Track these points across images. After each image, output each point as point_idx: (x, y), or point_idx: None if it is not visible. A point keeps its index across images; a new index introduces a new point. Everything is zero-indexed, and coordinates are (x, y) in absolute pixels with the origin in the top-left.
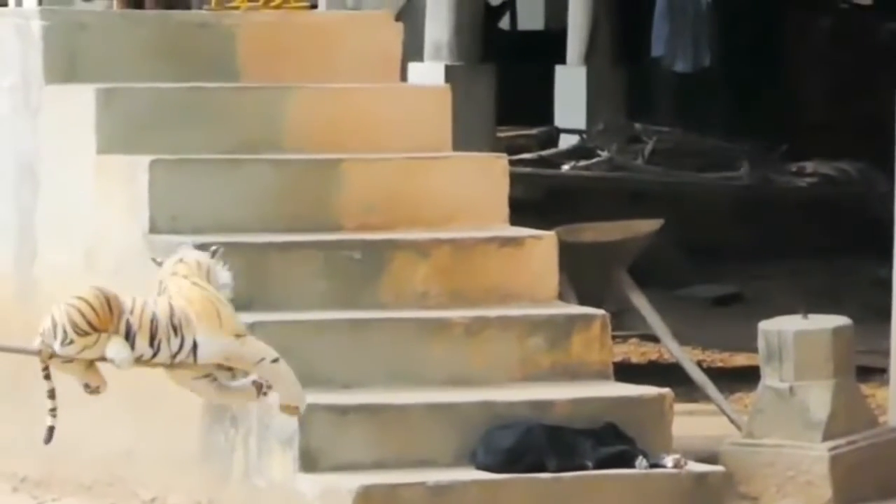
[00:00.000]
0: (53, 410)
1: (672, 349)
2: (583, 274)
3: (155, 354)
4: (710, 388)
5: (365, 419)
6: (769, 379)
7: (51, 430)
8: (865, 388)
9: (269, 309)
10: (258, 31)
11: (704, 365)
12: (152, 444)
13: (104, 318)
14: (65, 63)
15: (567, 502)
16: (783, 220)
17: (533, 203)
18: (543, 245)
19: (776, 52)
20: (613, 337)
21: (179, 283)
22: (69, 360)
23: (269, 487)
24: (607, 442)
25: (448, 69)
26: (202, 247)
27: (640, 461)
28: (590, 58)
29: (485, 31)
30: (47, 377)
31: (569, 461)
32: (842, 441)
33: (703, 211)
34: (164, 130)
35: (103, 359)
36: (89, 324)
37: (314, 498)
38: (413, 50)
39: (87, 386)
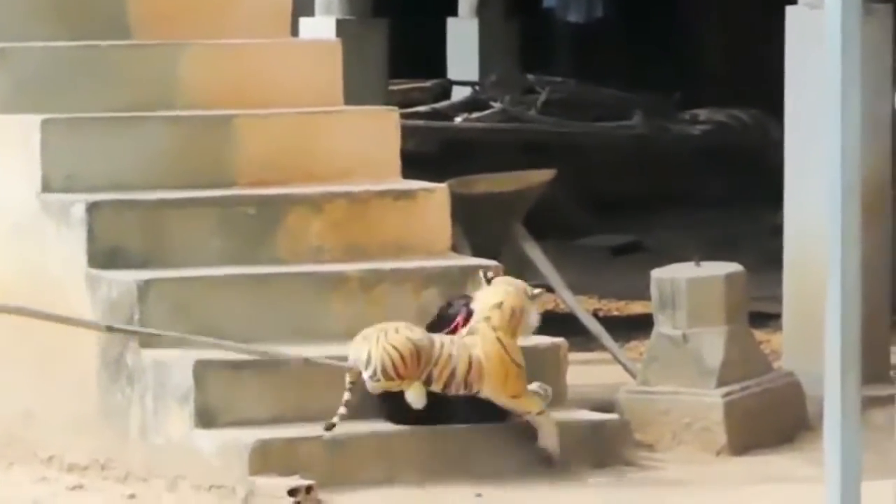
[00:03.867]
0: (343, 415)
1: (566, 299)
2: (477, 226)
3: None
4: (605, 337)
5: (261, 375)
6: (662, 327)
7: (331, 426)
8: (761, 335)
9: (166, 266)
10: None
11: (601, 314)
12: (50, 405)
13: (412, 369)
14: None
15: (463, 453)
16: (679, 169)
17: (427, 156)
18: (436, 198)
19: (669, 1)
20: None
21: (487, 334)
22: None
23: (166, 445)
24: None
25: (339, 23)
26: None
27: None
28: (482, 10)
29: None
30: (351, 390)
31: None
32: (736, 387)
33: (598, 161)
34: (56, 90)
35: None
36: (398, 373)
37: (211, 454)
38: (304, 5)
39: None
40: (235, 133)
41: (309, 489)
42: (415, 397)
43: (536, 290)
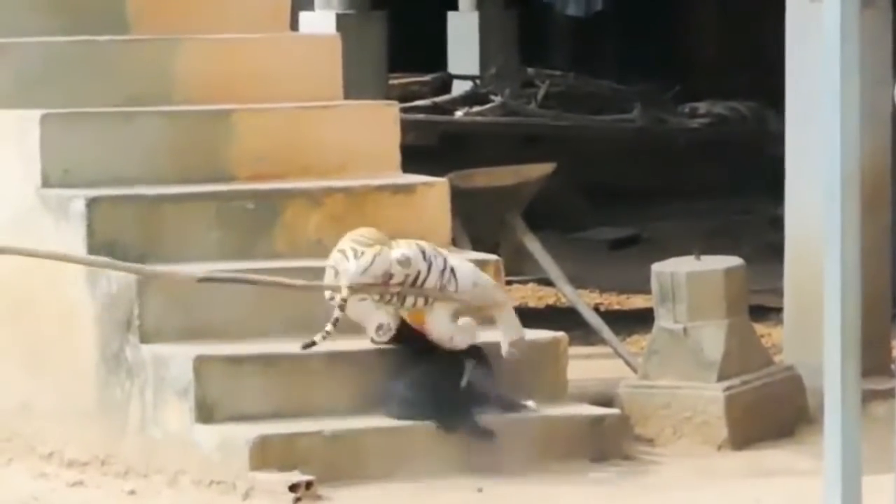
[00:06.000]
0: (327, 334)
1: (566, 293)
2: (476, 219)
3: (429, 270)
4: (606, 330)
5: (261, 369)
6: (663, 320)
7: (311, 344)
8: (762, 328)
9: (164, 261)
10: None
11: (602, 308)
12: (49, 399)
13: (379, 237)
14: None
15: (466, 448)
16: (678, 162)
17: (428, 150)
18: (436, 191)
19: None
20: (512, 281)
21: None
22: (365, 291)
23: (165, 439)
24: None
25: (339, 17)
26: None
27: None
28: (482, 3)
29: None
30: (341, 308)
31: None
32: (736, 381)
33: (597, 154)
34: (55, 84)
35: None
36: (370, 240)
37: (211, 449)
38: None
39: (380, 326)
40: (234, 127)
41: (309, 484)
42: (402, 252)
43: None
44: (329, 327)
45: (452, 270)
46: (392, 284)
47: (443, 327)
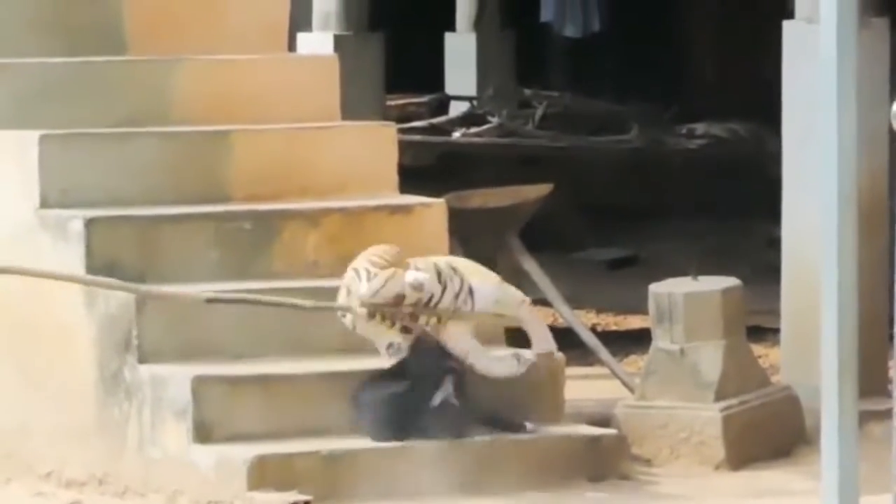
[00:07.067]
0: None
1: (563, 313)
2: (474, 240)
3: (443, 292)
4: (603, 351)
5: (258, 390)
6: (660, 341)
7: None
8: (759, 348)
9: (162, 281)
10: (145, 3)
11: (599, 328)
12: (47, 418)
13: (394, 258)
14: None
15: (463, 468)
16: (676, 182)
17: (425, 170)
18: (433, 212)
19: (665, 14)
20: None
21: (425, 259)
22: (377, 310)
23: (163, 459)
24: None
25: (337, 38)
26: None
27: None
28: (479, 24)
29: None
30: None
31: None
32: (734, 401)
33: (595, 174)
34: (53, 105)
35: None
36: (385, 261)
37: (209, 469)
38: (302, 20)
39: (391, 346)
40: (232, 148)
41: None
42: (416, 276)
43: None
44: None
45: (470, 290)
46: (404, 305)
47: (459, 344)
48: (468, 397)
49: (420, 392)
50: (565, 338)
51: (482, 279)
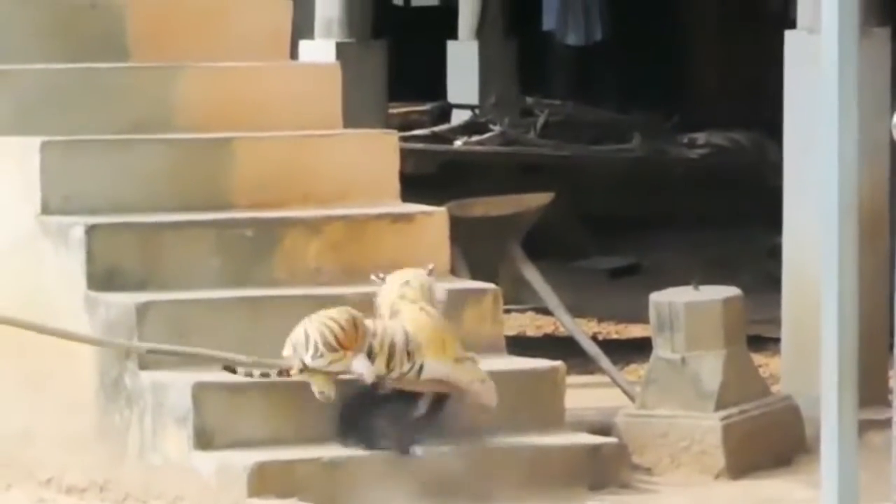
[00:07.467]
0: (249, 375)
1: (564, 322)
2: (475, 248)
3: (388, 373)
4: (604, 359)
5: (259, 396)
6: (661, 350)
7: (231, 370)
8: (760, 358)
9: (163, 288)
10: (148, 10)
11: (600, 337)
12: (48, 425)
13: (351, 338)
14: None
15: (464, 476)
16: (677, 191)
17: (427, 179)
18: (435, 221)
19: (667, 24)
20: (511, 310)
21: (411, 308)
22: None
23: (164, 465)
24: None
25: (339, 46)
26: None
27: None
28: (481, 33)
29: (376, 7)
30: (269, 375)
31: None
32: (734, 410)
33: (596, 183)
34: (55, 111)
35: (346, 372)
36: (339, 342)
37: (209, 475)
38: (304, 28)
39: (322, 393)
40: (234, 155)
41: None
42: (363, 367)
43: (430, 266)
44: (256, 375)
45: (421, 367)
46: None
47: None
48: (447, 412)
49: (403, 402)
50: (566, 346)
51: (437, 359)
